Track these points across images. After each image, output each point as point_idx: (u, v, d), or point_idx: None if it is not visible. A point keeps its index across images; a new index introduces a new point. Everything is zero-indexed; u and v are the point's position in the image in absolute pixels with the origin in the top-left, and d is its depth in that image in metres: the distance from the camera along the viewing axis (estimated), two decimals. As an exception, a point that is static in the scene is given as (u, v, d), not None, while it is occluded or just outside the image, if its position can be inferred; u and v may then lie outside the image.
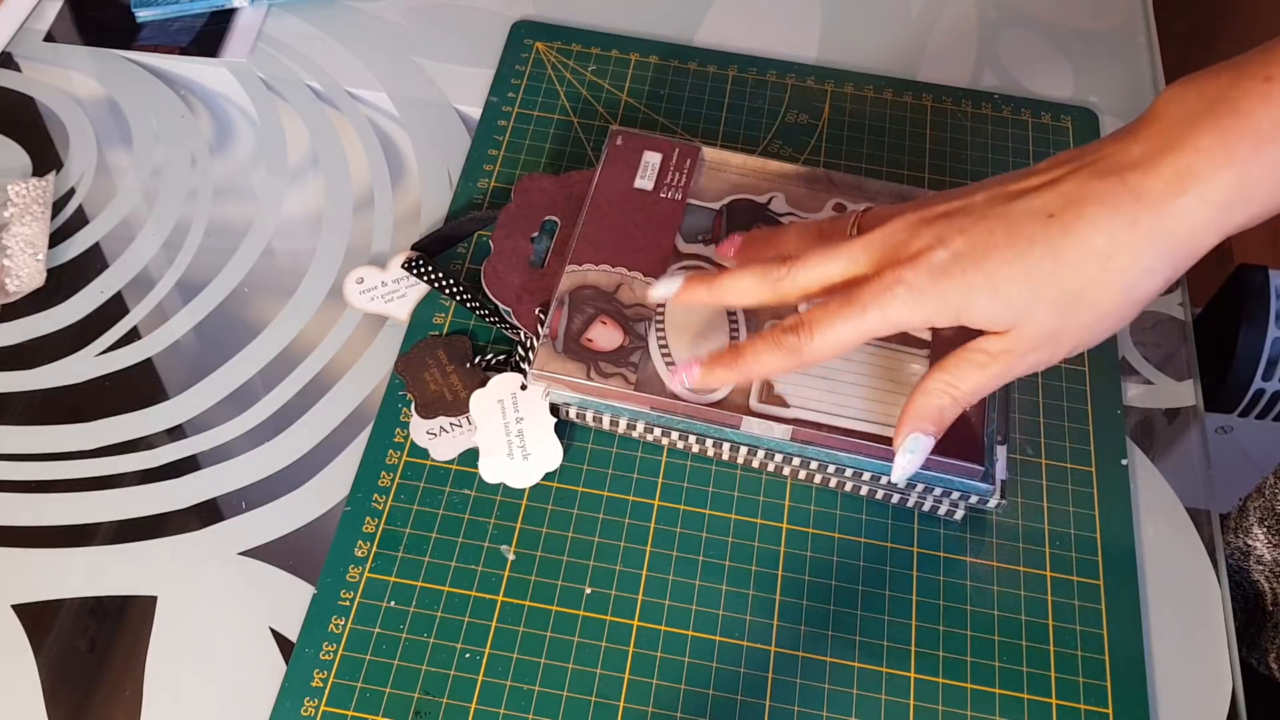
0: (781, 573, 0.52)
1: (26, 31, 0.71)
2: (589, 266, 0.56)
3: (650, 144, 0.60)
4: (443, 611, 0.50)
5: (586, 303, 0.54)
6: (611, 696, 0.49)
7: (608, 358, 0.53)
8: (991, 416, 0.52)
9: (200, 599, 0.51)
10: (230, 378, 0.57)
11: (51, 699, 0.48)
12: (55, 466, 0.54)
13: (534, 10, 0.73)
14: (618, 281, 0.55)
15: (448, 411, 0.55)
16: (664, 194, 0.58)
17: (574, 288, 0.55)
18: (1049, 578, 0.52)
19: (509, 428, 0.54)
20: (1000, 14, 0.75)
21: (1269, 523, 0.61)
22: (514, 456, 0.53)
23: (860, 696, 0.49)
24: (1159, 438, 0.58)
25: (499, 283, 0.57)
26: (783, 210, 0.58)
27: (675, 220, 0.57)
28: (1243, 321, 0.70)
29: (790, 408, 0.52)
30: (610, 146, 0.60)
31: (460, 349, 0.57)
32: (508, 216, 0.60)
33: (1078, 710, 0.49)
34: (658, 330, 0.54)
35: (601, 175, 0.59)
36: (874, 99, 0.69)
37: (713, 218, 0.58)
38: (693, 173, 0.59)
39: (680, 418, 0.52)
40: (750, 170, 0.60)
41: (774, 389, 0.52)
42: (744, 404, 0.52)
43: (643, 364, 0.53)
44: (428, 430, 0.54)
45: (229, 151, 0.66)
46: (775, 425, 0.51)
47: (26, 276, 0.60)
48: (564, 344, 0.53)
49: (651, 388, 0.52)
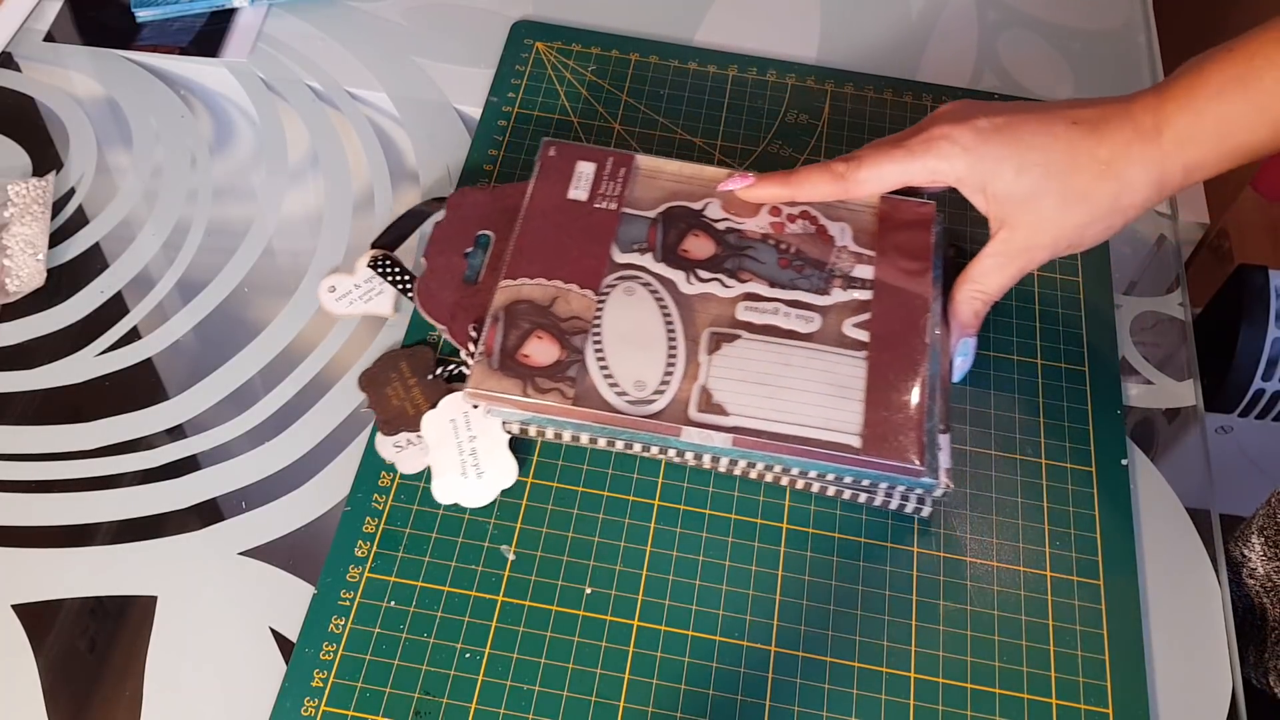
0: (781, 573, 0.52)
1: (26, 31, 0.71)
2: (524, 280, 0.55)
3: (584, 154, 0.60)
4: (443, 611, 0.50)
5: (521, 317, 0.54)
6: (611, 696, 0.49)
7: (544, 373, 0.52)
8: (932, 410, 0.52)
9: (200, 599, 0.51)
10: (230, 378, 0.57)
11: (51, 699, 0.48)
12: (55, 466, 0.54)
13: (534, 10, 0.73)
14: (553, 295, 0.54)
15: (411, 426, 0.54)
16: (599, 204, 0.58)
17: (509, 303, 0.54)
18: (1049, 578, 0.52)
19: (462, 446, 0.53)
20: (1000, 14, 0.75)
21: (1269, 533, 0.61)
22: (467, 475, 0.53)
23: (860, 696, 0.49)
24: (1159, 438, 0.58)
25: (432, 300, 0.56)
26: (718, 217, 0.58)
27: (610, 230, 0.57)
28: (1243, 321, 0.70)
29: (730, 415, 0.51)
30: (543, 157, 0.60)
31: (423, 361, 0.56)
32: (440, 232, 0.59)
33: (1078, 710, 0.49)
34: (595, 343, 0.53)
35: (535, 187, 0.58)
36: (874, 99, 0.69)
37: (648, 226, 0.57)
38: (627, 182, 0.59)
39: (621, 429, 0.52)
40: (685, 177, 0.59)
41: (713, 398, 0.52)
42: (683, 414, 0.51)
43: (580, 377, 0.52)
44: (394, 444, 0.54)
45: (229, 151, 0.66)
46: (715, 434, 0.51)
47: (26, 276, 0.60)
48: (499, 361, 0.52)
49: (590, 401, 0.51)
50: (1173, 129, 0.50)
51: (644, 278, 0.55)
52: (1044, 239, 0.53)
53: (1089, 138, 0.51)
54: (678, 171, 0.59)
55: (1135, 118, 0.51)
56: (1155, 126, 0.50)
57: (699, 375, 0.52)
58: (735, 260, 0.56)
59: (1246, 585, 0.62)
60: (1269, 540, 0.61)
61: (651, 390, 0.52)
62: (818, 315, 0.55)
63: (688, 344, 0.53)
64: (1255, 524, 0.62)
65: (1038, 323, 0.60)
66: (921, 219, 0.58)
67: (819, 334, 0.54)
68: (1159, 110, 0.50)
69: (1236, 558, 0.62)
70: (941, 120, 0.53)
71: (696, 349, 0.53)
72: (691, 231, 0.57)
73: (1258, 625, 0.62)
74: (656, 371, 0.52)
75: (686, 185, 0.59)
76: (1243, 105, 0.49)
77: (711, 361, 0.53)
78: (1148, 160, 0.50)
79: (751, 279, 0.56)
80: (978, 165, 0.52)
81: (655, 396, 0.52)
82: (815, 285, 0.56)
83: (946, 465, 0.52)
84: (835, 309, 0.55)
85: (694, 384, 0.52)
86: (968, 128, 0.52)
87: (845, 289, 0.56)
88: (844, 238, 0.57)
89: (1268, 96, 0.48)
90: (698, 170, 0.59)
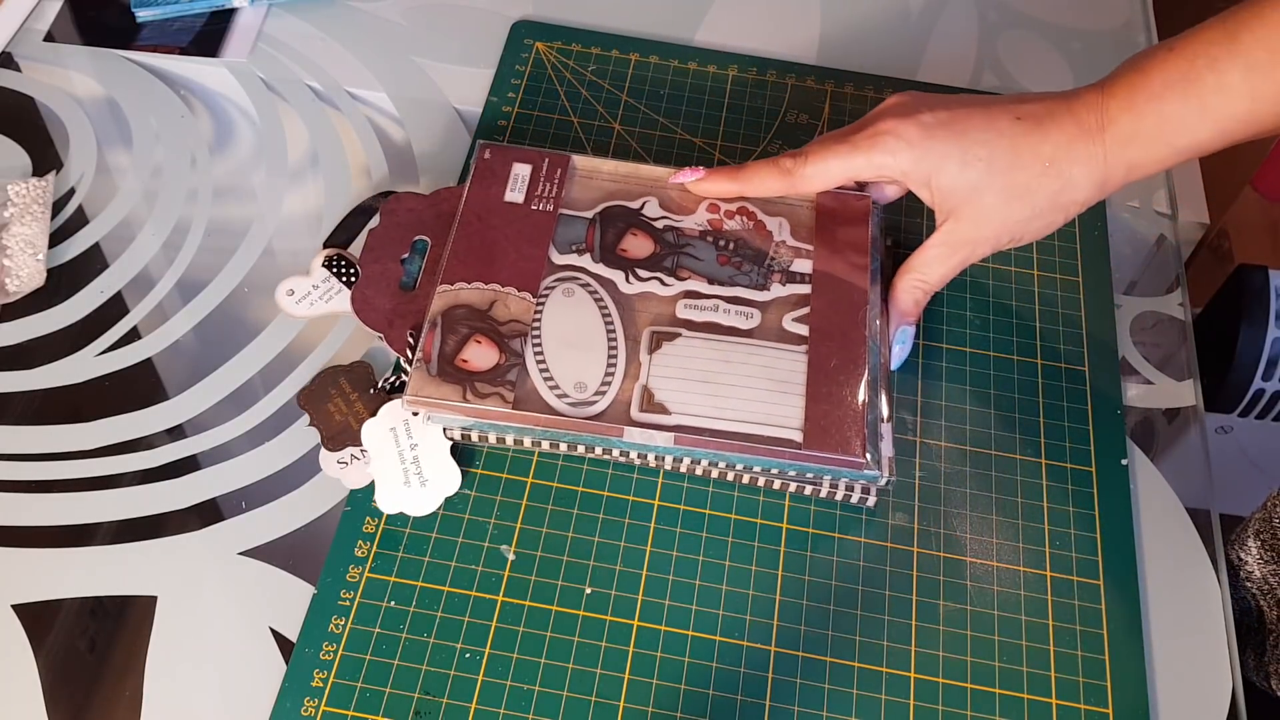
0: (781, 573, 0.52)
1: (26, 31, 0.71)
2: (461, 285, 0.55)
3: (520, 156, 0.60)
4: (443, 611, 0.50)
5: (460, 322, 0.53)
6: (611, 696, 0.49)
7: (483, 377, 0.52)
8: (874, 401, 0.52)
9: (200, 599, 0.51)
10: (230, 378, 0.57)
11: (51, 699, 0.48)
12: (55, 466, 0.54)
13: (534, 10, 0.73)
14: (491, 298, 0.54)
15: (355, 441, 0.54)
16: (535, 206, 0.58)
17: (446, 308, 0.54)
18: (1049, 578, 0.52)
19: (404, 455, 0.53)
20: (1000, 14, 0.75)
21: (1264, 536, 0.61)
22: (411, 484, 0.52)
23: (860, 696, 0.49)
24: (1159, 438, 0.58)
25: (368, 308, 0.56)
26: (656, 214, 0.58)
27: (548, 232, 0.57)
28: (1243, 321, 0.70)
29: (672, 415, 0.51)
30: (479, 160, 0.59)
31: (363, 375, 0.56)
32: (375, 239, 0.58)
33: (1078, 710, 0.49)
34: (534, 346, 0.53)
35: (471, 190, 0.58)
36: (874, 99, 0.69)
37: (586, 227, 0.57)
38: (564, 183, 0.59)
39: (564, 431, 0.52)
40: (622, 176, 0.59)
41: (655, 397, 0.52)
42: (625, 415, 0.51)
43: (521, 380, 0.52)
44: (338, 460, 0.54)
45: (229, 151, 0.66)
46: (657, 434, 0.51)
47: (26, 276, 0.60)
48: (438, 367, 0.52)
49: (531, 404, 0.51)
50: (1116, 128, 0.50)
51: (583, 279, 0.55)
52: (986, 232, 0.53)
53: (1033, 134, 0.51)
54: (614, 171, 0.59)
55: (1079, 115, 0.51)
56: (1099, 125, 0.51)
57: (640, 375, 0.52)
58: (674, 258, 0.56)
59: (1244, 588, 0.62)
60: (1265, 544, 0.61)
61: (593, 391, 0.52)
62: (757, 311, 0.55)
63: (628, 344, 0.53)
64: (1251, 528, 0.62)
65: (1038, 323, 0.60)
66: (859, 212, 0.58)
67: (759, 330, 0.54)
68: (1102, 109, 0.51)
69: (1233, 561, 0.62)
70: (887, 115, 0.54)
71: (637, 349, 0.53)
72: (630, 230, 0.57)
73: (1255, 628, 0.62)
74: (597, 372, 0.52)
75: (624, 185, 0.59)
76: (1184, 106, 0.49)
77: (653, 361, 0.53)
78: (1091, 159, 0.51)
79: (691, 276, 0.56)
80: (923, 160, 0.52)
81: (596, 398, 0.52)
82: (754, 281, 0.56)
83: (889, 455, 0.52)
84: (775, 304, 0.55)
85: (635, 384, 0.52)
86: (913, 122, 0.52)
87: (784, 284, 0.56)
88: (782, 232, 0.57)
89: (1209, 97, 0.49)
90: (634, 169, 0.59)
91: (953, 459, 0.55)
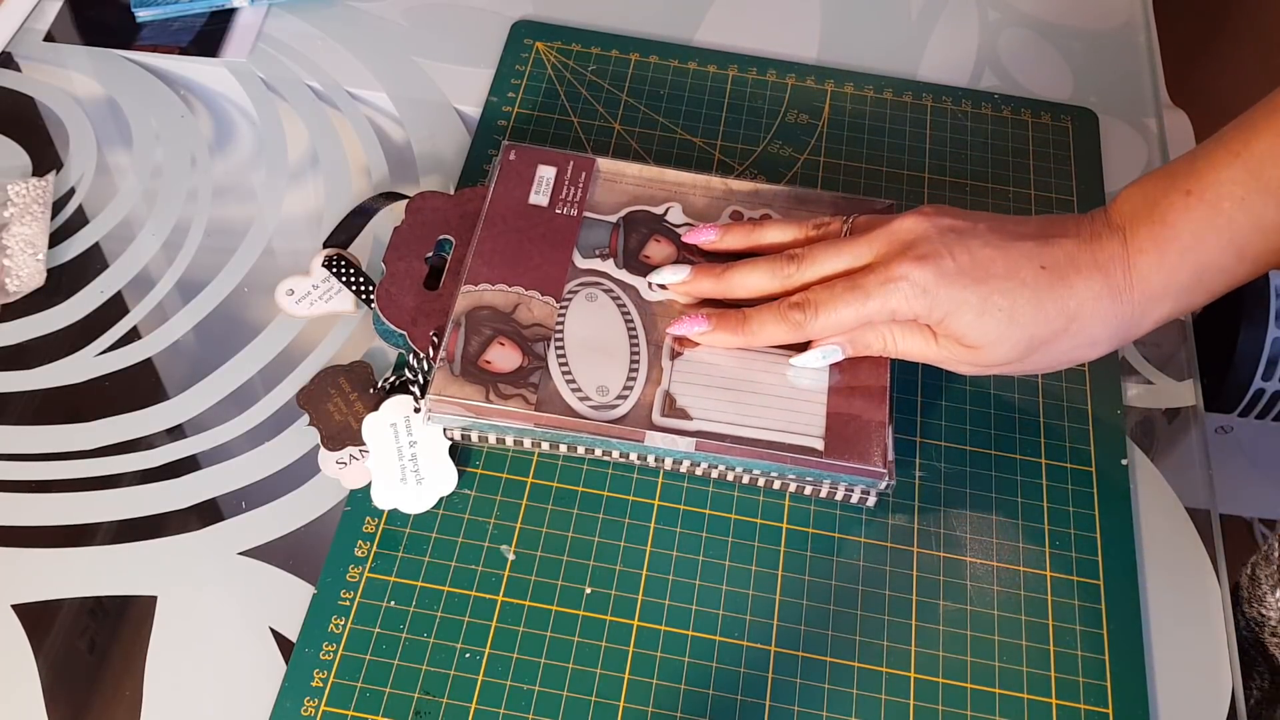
0: (781, 573, 0.52)
1: (26, 31, 0.71)
2: (485, 286, 0.55)
3: (544, 158, 0.60)
4: (443, 611, 0.50)
5: (483, 324, 0.53)
6: (611, 696, 0.49)
7: (507, 379, 0.52)
8: (892, 414, 0.53)
9: (200, 599, 0.51)
10: (230, 378, 0.57)
11: (51, 699, 0.48)
12: (55, 466, 0.54)
13: (534, 10, 0.73)
14: (515, 301, 0.54)
15: (354, 441, 0.54)
16: (560, 209, 0.58)
17: (470, 308, 0.54)
18: (1049, 578, 0.52)
19: (402, 452, 0.53)
20: (1000, 14, 0.75)
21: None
22: (407, 481, 0.52)
23: (860, 696, 0.49)
24: (1159, 438, 0.58)
25: (393, 306, 0.56)
26: (680, 221, 0.58)
27: (572, 236, 0.57)
28: (1243, 321, 0.70)
29: (694, 420, 0.52)
30: (503, 161, 0.59)
31: (363, 375, 0.56)
32: (400, 237, 0.58)
33: (1078, 710, 0.49)
34: (557, 349, 0.53)
35: (495, 191, 0.58)
36: (874, 99, 0.69)
37: (610, 231, 0.57)
38: (588, 186, 0.59)
39: (586, 435, 0.52)
40: (646, 180, 0.59)
41: (676, 403, 0.52)
42: (647, 419, 0.51)
43: (543, 383, 0.52)
44: (337, 460, 0.54)
45: (229, 151, 0.66)
46: (679, 439, 0.51)
47: (26, 276, 0.60)
48: (461, 367, 0.52)
49: (553, 407, 0.51)
50: (1147, 285, 0.48)
51: (606, 284, 0.55)
52: (986, 367, 0.51)
53: (1057, 286, 0.49)
54: (639, 174, 0.59)
55: (1106, 270, 0.49)
56: (1127, 282, 0.49)
57: (662, 380, 0.52)
58: None
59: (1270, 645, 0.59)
60: None
61: (615, 395, 0.52)
62: None
63: (650, 349, 0.53)
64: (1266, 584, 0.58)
65: (1038, 323, 0.60)
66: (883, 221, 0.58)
67: None
68: (1128, 264, 0.49)
69: (1255, 619, 0.59)
70: (903, 256, 0.50)
71: (659, 354, 0.53)
72: (653, 237, 0.57)
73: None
74: (619, 376, 0.52)
75: (647, 189, 0.59)
76: (1221, 255, 0.48)
77: (674, 366, 0.53)
78: (1118, 318, 0.49)
79: None
80: (937, 305, 0.49)
81: (619, 401, 0.52)
82: None
83: (890, 458, 0.52)
84: None
85: (657, 389, 0.52)
86: (931, 269, 0.49)
87: None
88: None
89: (1244, 238, 0.47)
90: (659, 173, 0.59)
91: (953, 459, 0.55)
